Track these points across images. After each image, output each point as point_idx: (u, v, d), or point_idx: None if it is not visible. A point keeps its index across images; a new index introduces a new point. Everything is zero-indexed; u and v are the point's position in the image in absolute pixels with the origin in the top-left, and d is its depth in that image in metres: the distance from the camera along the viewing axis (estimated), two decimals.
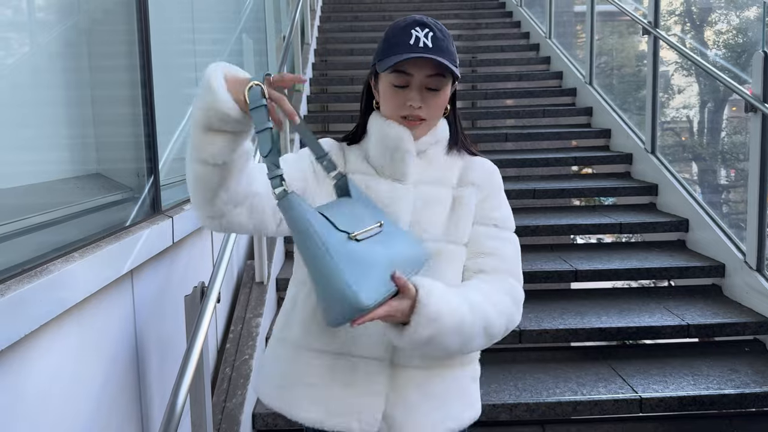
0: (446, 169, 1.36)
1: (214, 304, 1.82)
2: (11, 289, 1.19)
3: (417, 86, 1.27)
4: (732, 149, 5.81)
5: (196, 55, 3.14)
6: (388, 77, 1.29)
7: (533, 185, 4.43)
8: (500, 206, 1.37)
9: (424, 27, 1.27)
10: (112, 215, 1.85)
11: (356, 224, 1.13)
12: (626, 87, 6.04)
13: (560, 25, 6.75)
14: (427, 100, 1.29)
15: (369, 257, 1.09)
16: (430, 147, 1.35)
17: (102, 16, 2.07)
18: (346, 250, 1.07)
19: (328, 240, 1.05)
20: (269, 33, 4.65)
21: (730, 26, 6.46)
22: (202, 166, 1.10)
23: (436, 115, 1.32)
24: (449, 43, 1.28)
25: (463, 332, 1.19)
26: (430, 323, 1.13)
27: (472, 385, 1.39)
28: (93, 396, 1.56)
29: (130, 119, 2.03)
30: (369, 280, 1.06)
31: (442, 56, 1.24)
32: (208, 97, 1.04)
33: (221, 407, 2.43)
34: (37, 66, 1.74)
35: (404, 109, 1.29)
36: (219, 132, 1.06)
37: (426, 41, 1.25)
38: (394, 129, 1.30)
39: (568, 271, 3.54)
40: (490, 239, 1.33)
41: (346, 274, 1.04)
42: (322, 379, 1.27)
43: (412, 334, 1.14)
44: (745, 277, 3.32)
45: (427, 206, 1.31)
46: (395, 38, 1.27)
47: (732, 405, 2.68)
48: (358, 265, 1.06)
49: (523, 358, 3.03)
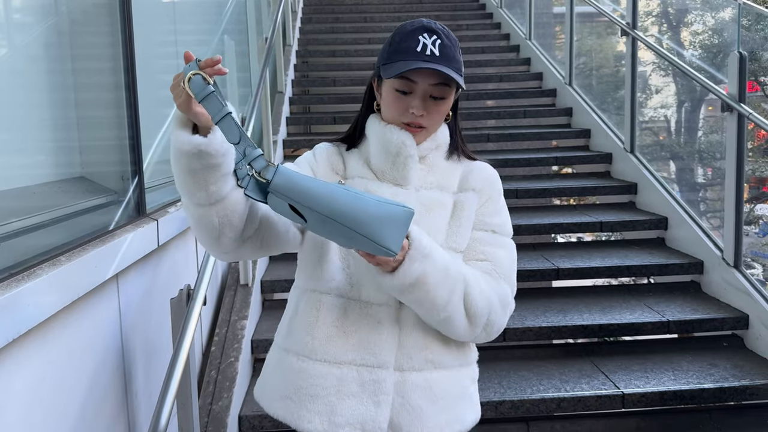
0: (447, 175, 1.36)
1: (200, 307, 1.82)
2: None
3: (421, 94, 1.27)
4: (709, 148, 5.91)
5: (179, 57, 3.13)
6: (392, 82, 1.28)
7: (515, 185, 4.47)
8: (499, 212, 1.38)
9: (432, 33, 1.26)
10: (96, 219, 1.85)
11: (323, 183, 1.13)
12: (605, 87, 6.11)
13: (540, 26, 6.81)
14: (430, 108, 1.28)
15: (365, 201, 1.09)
16: (430, 152, 1.35)
17: (84, 18, 2.06)
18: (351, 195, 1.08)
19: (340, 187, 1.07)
20: (251, 35, 4.64)
21: (706, 27, 6.56)
22: (201, 208, 1.12)
23: (437, 123, 1.32)
24: (456, 51, 1.28)
25: (447, 282, 1.21)
26: (422, 259, 1.17)
27: (472, 387, 1.40)
28: (79, 400, 1.56)
29: (114, 122, 2.02)
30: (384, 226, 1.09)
31: (448, 65, 1.24)
32: (174, 144, 1.08)
33: (207, 410, 2.42)
34: (18, 68, 1.73)
35: (406, 116, 1.28)
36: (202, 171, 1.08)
37: (433, 49, 1.24)
38: (396, 134, 1.29)
39: (550, 270, 3.58)
40: (487, 245, 1.33)
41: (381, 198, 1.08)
42: (326, 390, 1.27)
43: (405, 269, 1.16)
44: (723, 274, 3.38)
45: (429, 212, 1.31)
46: (402, 43, 1.26)
47: (711, 399, 2.73)
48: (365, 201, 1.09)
49: (507, 356, 3.06)
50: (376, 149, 1.32)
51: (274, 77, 5.31)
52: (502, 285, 1.31)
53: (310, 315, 1.30)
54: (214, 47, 3.73)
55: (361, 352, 1.26)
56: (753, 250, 10.40)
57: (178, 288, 1.97)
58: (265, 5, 5.46)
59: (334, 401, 1.26)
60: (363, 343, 1.26)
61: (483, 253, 1.32)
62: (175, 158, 1.10)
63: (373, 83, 1.37)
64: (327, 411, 1.26)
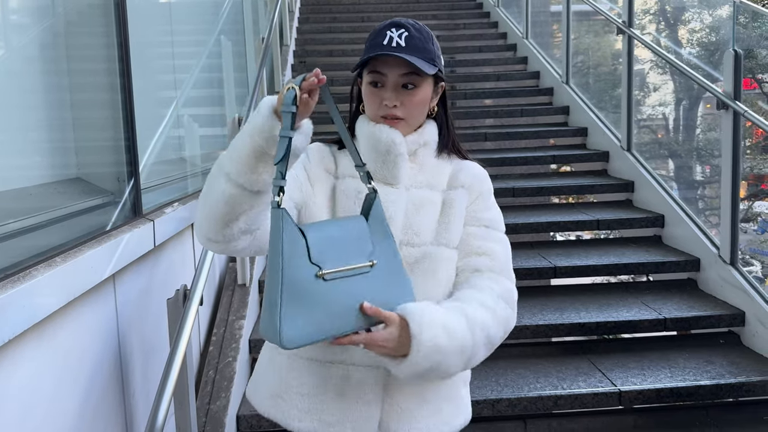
0: (436, 173, 1.37)
1: (196, 307, 1.83)
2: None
3: (391, 85, 1.29)
4: (706, 146, 5.91)
5: (175, 58, 3.14)
6: (366, 77, 1.31)
7: (512, 184, 4.48)
8: (490, 208, 1.38)
9: (400, 27, 1.28)
10: (92, 219, 1.85)
11: (339, 257, 1.12)
12: (602, 86, 6.12)
13: (537, 25, 6.82)
14: (403, 98, 1.30)
15: (325, 298, 1.09)
16: (419, 148, 1.35)
17: (79, 18, 2.06)
18: (304, 285, 1.07)
19: (288, 268, 1.07)
20: (248, 35, 4.64)
21: (703, 25, 6.57)
22: (239, 189, 1.13)
23: (415, 114, 1.32)
24: (426, 42, 1.29)
25: (464, 353, 1.19)
26: (430, 355, 1.14)
27: (463, 390, 1.40)
28: (77, 401, 1.56)
29: (109, 123, 2.03)
30: (308, 323, 1.07)
31: (413, 54, 1.25)
32: (255, 119, 1.11)
33: (205, 410, 2.43)
34: (13, 70, 1.73)
35: (381, 109, 1.30)
36: (264, 157, 1.11)
37: (399, 41, 1.26)
38: (385, 132, 1.30)
39: (547, 268, 3.58)
40: (481, 239, 1.33)
41: (284, 310, 1.05)
42: (316, 389, 1.27)
43: (412, 365, 1.14)
44: (720, 271, 3.39)
45: (419, 210, 1.32)
46: (373, 40, 1.29)
47: (708, 396, 2.74)
48: (306, 305, 1.07)
49: (504, 354, 3.06)
50: (366, 149, 1.33)
51: (272, 77, 5.32)
52: (505, 284, 1.31)
53: None
54: (211, 48, 3.74)
55: (351, 352, 1.26)
56: (752, 247, 10.41)
57: (175, 288, 1.98)
58: (262, 5, 5.47)
59: (324, 400, 1.27)
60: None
61: (479, 248, 1.33)
62: (250, 134, 1.12)
63: (358, 84, 1.39)
64: (317, 410, 1.27)
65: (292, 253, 1.08)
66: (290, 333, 1.05)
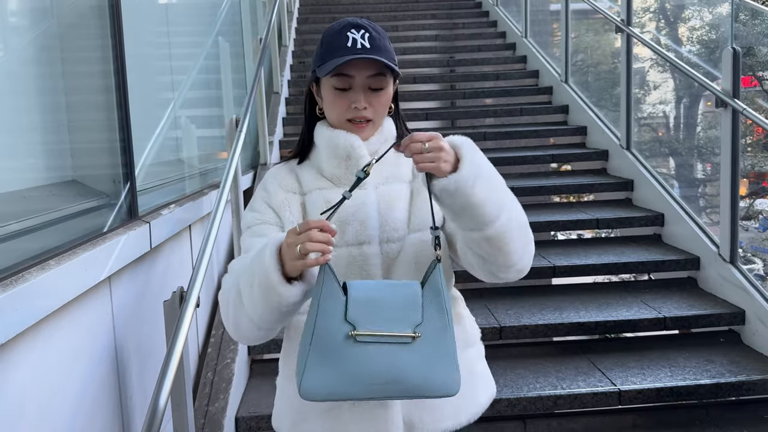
0: (399, 165, 1.37)
1: (193, 309, 1.82)
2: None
3: (360, 87, 1.28)
4: (706, 144, 5.90)
5: (172, 59, 3.13)
6: (329, 81, 1.29)
7: (512, 183, 4.42)
8: None
9: (360, 28, 1.28)
10: (88, 222, 1.85)
11: (378, 320, 1.09)
12: (602, 84, 6.11)
13: (536, 23, 6.81)
14: (372, 100, 1.29)
15: (353, 359, 1.07)
16: (381, 146, 1.34)
17: (74, 20, 2.06)
18: (333, 343, 1.07)
19: (321, 321, 1.08)
20: (246, 35, 4.64)
21: (702, 23, 6.56)
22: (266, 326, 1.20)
23: (382, 114, 1.33)
24: (385, 41, 1.30)
25: (504, 187, 1.24)
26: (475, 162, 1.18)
27: (480, 364, 1.40)
28: (72, 404, 1.56)
29: (105, 125, 2.02)
30: (327, 379, 1.08)
31: (381, 55, 1.25)
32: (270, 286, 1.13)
33: (204, 411, 2.42)
34: (8, 72, 1.73)
35: (350, 112, 1.29)
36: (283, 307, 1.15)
37: (363, 42, 1.26)
38: (342, 137, 1.30)
39: (546, 267, 3.58)
40: None
41: (309, 362, 1.07)
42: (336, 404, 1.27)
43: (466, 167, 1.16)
44: (719, 270, 3.38)
45: (391, 206, 1.32)
46: (332, 42, 1.28)
47: (708, 395, 2.73)
48: (329, 362, 1.07)
49: (504, 354, 3.06)
50: (327, 156, 1.33)
51: (270, 78, 5.31)
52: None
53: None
54: (208, 49, 3.73)
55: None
56: (753, 245, 10.39)
57: (172, 290, 1.97)
58: (261, 6, 5.47)
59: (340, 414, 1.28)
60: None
61: None
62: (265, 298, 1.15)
63: (312, 89, 1.37)
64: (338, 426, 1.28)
65: (326, 308, 1.08)
66: (309, 385, 1.07)
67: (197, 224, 2.73)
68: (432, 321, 1.12)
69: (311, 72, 1.35)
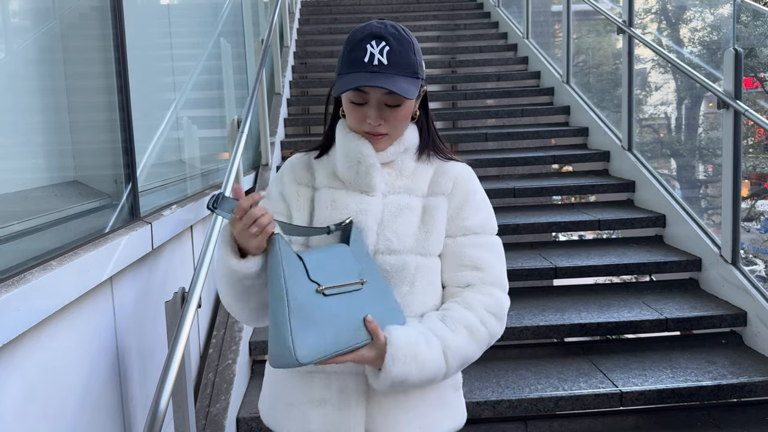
0: (416, 178, 1.35)
1: (195, 309, 1.82)
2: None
3: (375, 104, 1.26)
4: (708, 145, 5.89)
5: (174, 60, 3.13)
6: (347, 94, 1.28)
7: (513, 184, 4.47)
8: (477, 211, 1.35)
9: (381, 40, 1.24)
10: (90, 222, 1.85)
11: (333, 276, 1.17)
12: (603, 85, 6.11)
13: (537, 25, 6.81)
14: (387, 116, 1.27)
15: (328, 313, 1.14)
16: (398, 156, 1.33)
17: (76, 21, 2.06)
18: (307, 302, 1.12)
19: (291, 287, 1.12)
20: (247, 36, 4.64)
21: (704, 24, 6.55)
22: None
23: (399, 128, 1.30)
24: (408, 53, 1.25)
25: (434, 380, 1.25)
26: (396, 385, 1.20)
27: (454, 395, 1.39)
28: (74, 405, 1.56)
29: (106, 125, 2.02)
30: (316, 338, 1.11)
31: (397, 73, 1.22)
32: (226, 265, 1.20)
33: (205, 412, 2.42)
34: (11, 73, 1.73)
35: (365, 125, 1.28)
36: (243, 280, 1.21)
37: (381, 58, 1.22)
38: (354, 143, 1.29)
39: (548, 269, 3.57)
40: (471, 248, 1.31)
41: (293, 327, 1.10)
42: (299, 398, 1.29)
43: (380, 384, 1.20)
44: (721, 271, 3.38)
45: (397, 216, 1.30)
46: (352, 53, 1.26)
47: (710, 397, 2.73)
48: (311, 321, 1.11)
49: (505, 356, 3.06)
50: (341, 158, 1.32)
51: (272, 79, 5.32)
52: (496, 296, 1.31)
53: None
54: (210, 49, 3.74)
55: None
56: (755, 246, 10.39)
57: (174, 291, 1.97)
58: (262, 7, 5.47)
59: (307, 408, 1.28)
60: None
61: (471, 260, 1.31)
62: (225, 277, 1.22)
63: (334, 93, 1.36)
64: (301, 419, 1.29)
65: (292, 273, 1.13)
66: (303, 349, 1.09)
67: (199, 225, 2.73)
68: (367, 269, 1.24)
69: (336, 75, 1.33)
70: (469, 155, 4.59)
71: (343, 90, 1.24)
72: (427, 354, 1.20)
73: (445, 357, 1.22)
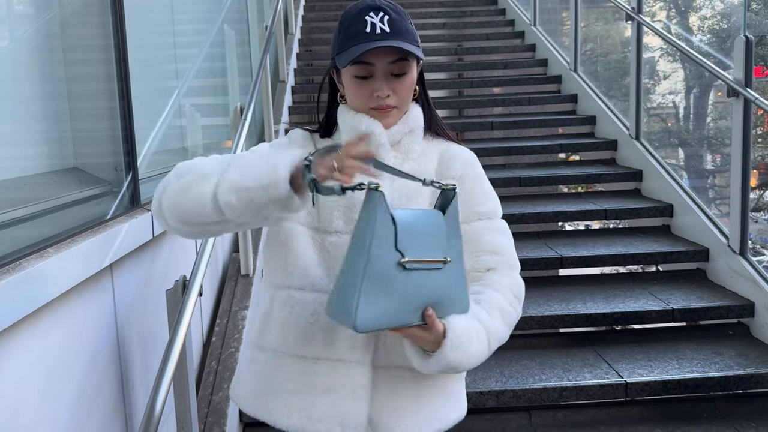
0: (423, 162, 1.32)
1: (196, 297, 1.80)
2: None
3: (381, 75, 1.23)
4: (717, 134, 5.84)
5: (176, 47, 3.11)
6: (350, 69, 1.24)
7: (519, 173, 4.43)
8: (488, 196, 1.34)
9: (379, 11, 1.22)
10: (90, 209, 1.83)
11: (420, 248, 1.10)
12: (611, 74, 6.05)
13: (545, 12, 6.73)
14: (394, 86, 1.24)
15: (402, 288, 1.08)
16: (404, 137, 1.30)
17: (76, 8, 2.04)
18: (385, 273, 1.06)
19: (374, 254, 1.05)
20: (251, 23, 4.61)
21: (714, 11, 6.47)
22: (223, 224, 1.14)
23: (407, 99, 1.28)
24: (407, 23, 1.24)
25: (477, 363, 1.21)
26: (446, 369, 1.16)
27: (457, 385, 1.37)
28: (73, 393, 1.55)
29: (106, 113, 2.00)
30: (380, 311, 1.06)
31: (401, 39, 1.21)
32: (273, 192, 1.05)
33: (208, 400, 2.42)
34: (11, 60, 1.71)
35: (373, 101, 1.25)
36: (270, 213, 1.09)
37: (383, 26, 1.20)
38: (364, 123, 1.26)
39: (554, 258, 3.55)
40: (488, 233, 1.31)
41: (363, 292, 1.04)
42: (302, 385, 1.25)
43: (428, 368, 1.17)
44: (729, 261, 3.34)
45: (408, 201, 1.27)
46: (350, 27, 1.23)
47: (716, 388, 2.71)
48: (383, 291, 1.06)
49: (509, 345, 2.99)
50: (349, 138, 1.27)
51: (276, 67, 5.28)
52: (515, 277, 1.30)
53: (284, 311, 1.28)
54: (214, 36, 3.71)
55: (337, 347, 1.24)
56: (763, 237, 10.32)
57: (175, 279, 1.96)
58: None
59: (311, 396, 1.25)
60: (340, 338, 1.24)
61: (489, 244, 1.30)
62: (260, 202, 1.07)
63: (332, 75, 1.34)
64: (304, 406, 1.25)
65: (380, 239, 1.06)
66: (364, 321, 1.05)
67: None
68: (453, 247, 1.15)
69: (330, 59, 1.30)
70: (475, 144, 4.55)
71: (350, 59, 1.20)
72: (476, 342, 1.18)
73: (489, 343, 1.21)
